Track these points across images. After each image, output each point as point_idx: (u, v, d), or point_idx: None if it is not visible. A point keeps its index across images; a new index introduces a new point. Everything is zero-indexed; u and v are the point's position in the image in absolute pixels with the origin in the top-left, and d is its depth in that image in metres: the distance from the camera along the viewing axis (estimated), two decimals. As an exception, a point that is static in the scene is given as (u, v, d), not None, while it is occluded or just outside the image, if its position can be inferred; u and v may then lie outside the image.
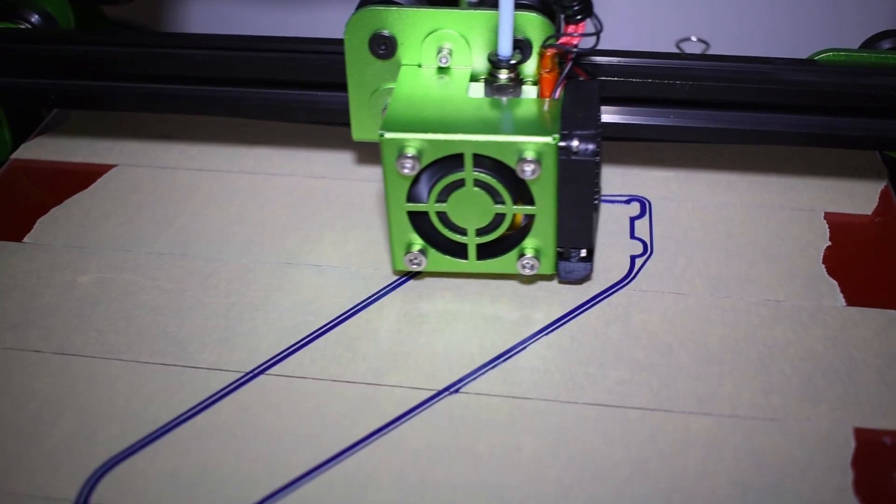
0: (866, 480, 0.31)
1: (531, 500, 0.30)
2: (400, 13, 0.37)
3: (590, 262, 0.37)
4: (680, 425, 0.33)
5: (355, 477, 0.31)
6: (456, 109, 0.35)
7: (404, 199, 0.35)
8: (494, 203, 0.35)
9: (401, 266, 0.37)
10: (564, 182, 0.34)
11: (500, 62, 0.36)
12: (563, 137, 0.34)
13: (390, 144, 0.34)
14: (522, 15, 0.36)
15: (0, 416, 0.33)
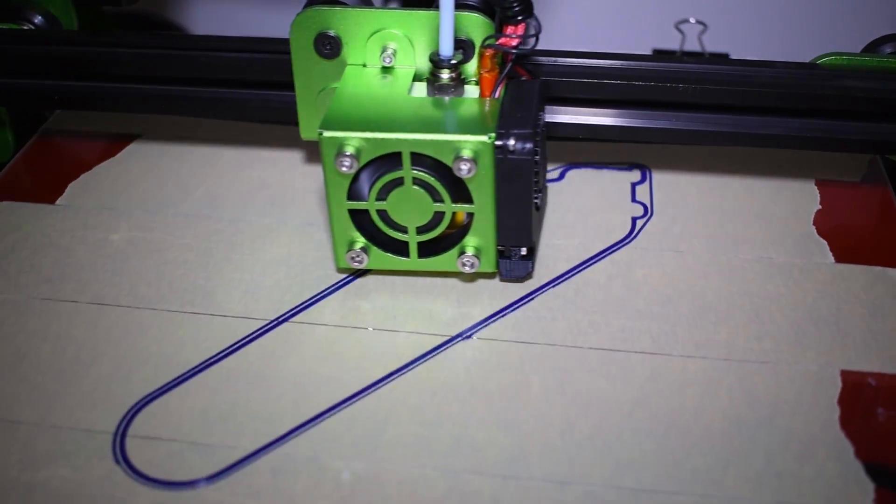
0: (852, 416, 0.33)
1: (539, 432, 0.32)
2: (344, 13, 0.37)
3: (530, 260, 0.37)
4: (678, 367, 0.35)
5: (375, 413, 0.33)
6: (396, 108, 0.36)
7: (345, 196, 0.36)
8: (434, 201, 0.35)
9: (343, 264, 0.37)
10: (502, 181, 0.35)
11: (441, 62, 0.36)
12: (500, 136, 0.34)
13: (329, 143, 0.34)
14: (463, 15, 0.36)
15: (40, 359, 0.35)
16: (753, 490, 0.31)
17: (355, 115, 0.35)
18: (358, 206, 0.36)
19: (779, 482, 0.31)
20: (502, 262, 0.37)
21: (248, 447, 0.32)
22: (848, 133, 0.40)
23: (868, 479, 0.31)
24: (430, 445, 0.32)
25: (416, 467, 0.31)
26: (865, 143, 0.40)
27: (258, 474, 0.31)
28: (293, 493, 0.30)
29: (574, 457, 0.32)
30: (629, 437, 0.32)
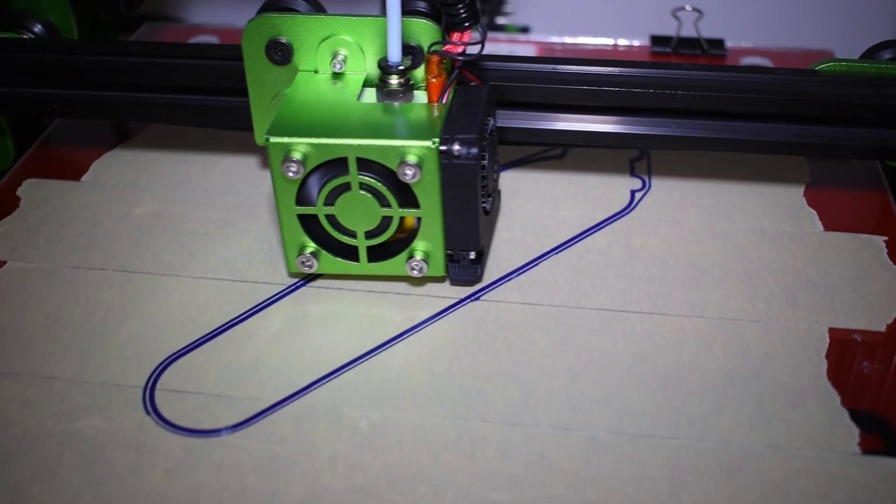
0: (838, 369, 0.35)
1: (544, 383, 0.34)
2: (295, 20, 0.38)
3: (479, 263, 0.37)
4: (675, 326, 0.37)
5: (390, 367, 0.35)
6: (343, 114, 0.36)
7: (293, 201, 0.36)
8: (381, 206, 0.36)
9: (294, 268, 0.37)
10: (448, 185, 0.35)
11: (389, 68, 0.36)
12: (444, 141, 0.34)
13: (276, 148, 0.35)
14: (411, 21, 0.37)
15: (71, 321, 0.37)
16: (746, 435, 0.33)
17: (302, 120, 0.35)
18: (306, 212, 0.36)
19: (769, 427, 0.33)
20: (451, 266, 0.37)
21: (270, 399, 0.34)
22: (847, 139, 0.40)
23: (853, 425, 0.33)
24: (441, 396, 0.34)
25: (429, 415, 0.33)
26: (864, 150, 0.40)
27: (281, 422, 0.33)
28: (314, 439, 0.32)
29: (577, 406, 0.34)
30: (629, 389, 0.34)
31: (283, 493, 0.31)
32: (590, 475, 0.31)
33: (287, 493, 0.31)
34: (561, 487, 0.31)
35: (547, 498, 0.31)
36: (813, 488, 0.31)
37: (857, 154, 0.41)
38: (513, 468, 0.31)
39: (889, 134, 0.40)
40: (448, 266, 0.37)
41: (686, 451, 0.32)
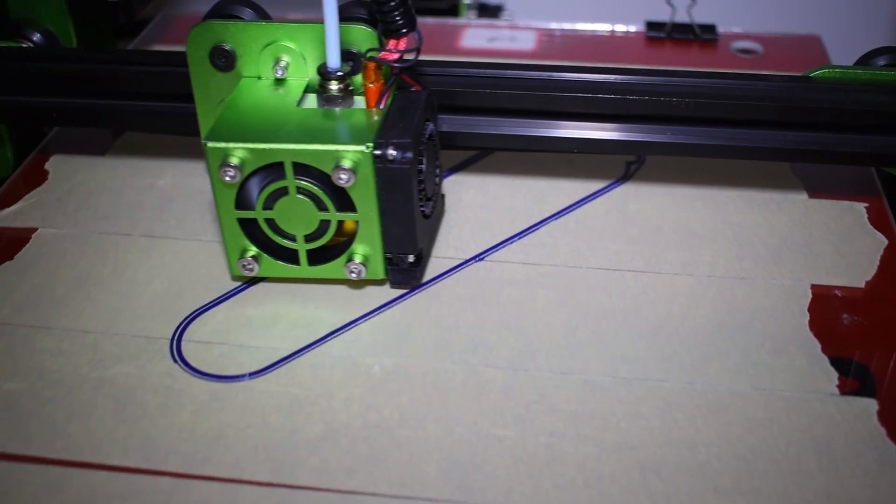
0: (819, 321, 0.38)
1: (544, 333, 0.37)
2: (237, 27, 0.38)
3: (418, 267, 0.38)
4: (667, 282, 0.39)
5: (400, 320, 0.38)
6: (282, 119, 0.36)
7: (232, 206, 0.36)
8: (319, 210, 0.36)
9: (236, 272, 0.38)
10: (384, 189, 0.35)
11: (329, 74, 0.37)
12: (378, 146, 0.35)
13: (213, 153, 0.35)
14: (350, 28, 0.37)
15: (101, 281, 0.40)
16: (732, 379, 0.35)
17: (241, 126, 0.36)
18: (245, 215, 0.36)
19: (755, 372, 0.35)
20: (391, 269, 0.38)
21: (289, 348, 0.36)
22: (842, 145, 0.40)
23: (832, 370, 0.35)
24: (448, 345, 0.36)
25: (438, 362, 0.36)
26: (859, 156, 0.40)
27: (299, 368, 0.36)
28: (331, 383, 0.35)
29: (575, 353, 0.36)
30: (623, 338, 0.37)
31: (303, 429, 0.33)
32: (587, 414, 0.34)
33: (307, 429, 0.33)
34: (560, 424, 0.33)
35: (547, 434, 0.33)
36: (794, 425, 0.33)
37: (852, 160, 0.41)
38: (515, 408, 0.34)
39: (884, 140, 0.40)
40: (388, 269, 0.38)
41: (676, 393, 0.34)
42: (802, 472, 0.32)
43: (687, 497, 0.31)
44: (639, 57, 0.56)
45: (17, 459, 0.32)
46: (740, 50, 0.57)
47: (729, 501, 0.31)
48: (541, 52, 0.56)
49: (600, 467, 0.32)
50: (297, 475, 0.32)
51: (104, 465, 0.32)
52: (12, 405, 0.34)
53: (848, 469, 0.32)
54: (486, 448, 0.33)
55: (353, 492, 0.31)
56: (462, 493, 0.31)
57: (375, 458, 0.32)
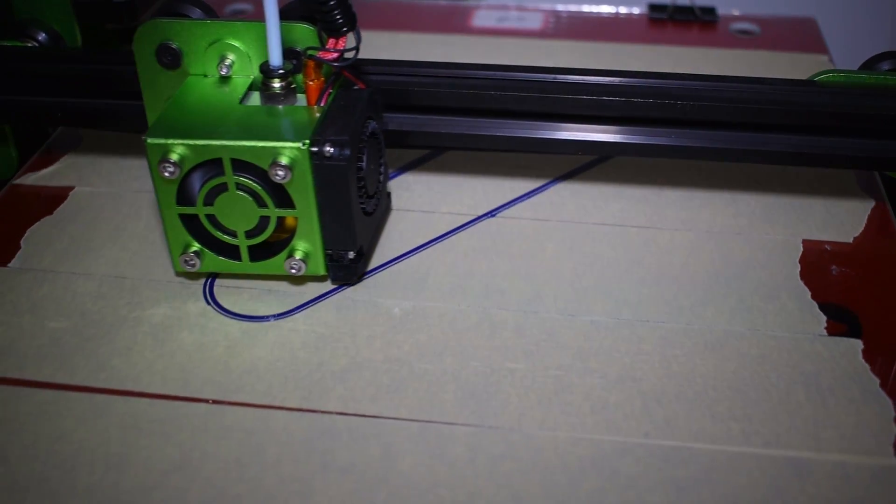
0: (809, 271, 0.40)
1: (552, 281, 0.39)
2: (183, 25, 0.38)
3: (359, 263, 0.38)
4: (667, 237, 0.42)
5: (418, 269, 0.40)
6: (223, 116, 0.36)
7: (174, 201, 0.36)
8: (258, 206, 0.36)
9: (178, 267, 0.38)
10: (321, 186, 0.35)
11: (270, 71, 0.37)
12: (315, 143, 0.35)
13: (153, 149, 0.35)
14: (292, 26, 0.37)
15: (136, 234, 0.42)
16: (728, 321, 0.38)
17: (181, 122, 0.36)
18: (187, 211, 0.37)
19: (749, 315, 0.38)
20: (331, 265, 0.38)
21: (314, 292, 0.39)
22: (845, 149, 0.40)
23: (821, 314, 0.38)
24: (463, 290, 0.39)
25: (453, 304, 0.38)
26: (863, 160, 0.41)
27: (325, 310, 0.38)
28: (354, 322, 0.38)
29: (581, 298, 0.39)
30: (627, 285, 0.39)
31: (329, 363, 0.36)
32: (592, 350, 0.36)
33: (332, 363, 0.36)
34: (567, 359, 0.36)
35: (556, 367, 0.36)
36: (785, 361, 0.36)
37: (855, 164, 0.41)
38: (526, 345, 0.36)
39: (888, 144, 0.40)
40: (328, 265, 0.38)
41: (676, 333, 0.37)
42: (792, 402, 0.34)
43: (685, 422, 0.33)
44: (641, 37, 0.58)
45: (64, 388, 0.35)
46: (739, 31, 0.59)
47: (724, 426, 0.33)
48: (547, 32, 0.59)
49: (605, 396, 0.34)
50: (325, 402, 0.34)
51: (145, 393, 0.35)
52: (57, 342, 0.37)
53: (834, 399, 0.34)
54: (499, 379, 0.35)
55: (377, 416, 0.34)
56: (477, 418, 0.34)
57: (396, 388, 0.35)
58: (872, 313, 0.38)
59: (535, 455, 0.32)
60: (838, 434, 0.33)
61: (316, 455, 0.32)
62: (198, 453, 0.33)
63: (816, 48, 0.57)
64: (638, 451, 0.32)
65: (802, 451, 0.32)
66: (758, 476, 0.32)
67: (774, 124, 0.40)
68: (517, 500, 0.31)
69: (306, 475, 0.32)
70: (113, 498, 0.31)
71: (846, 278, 0.40)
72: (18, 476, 0.32)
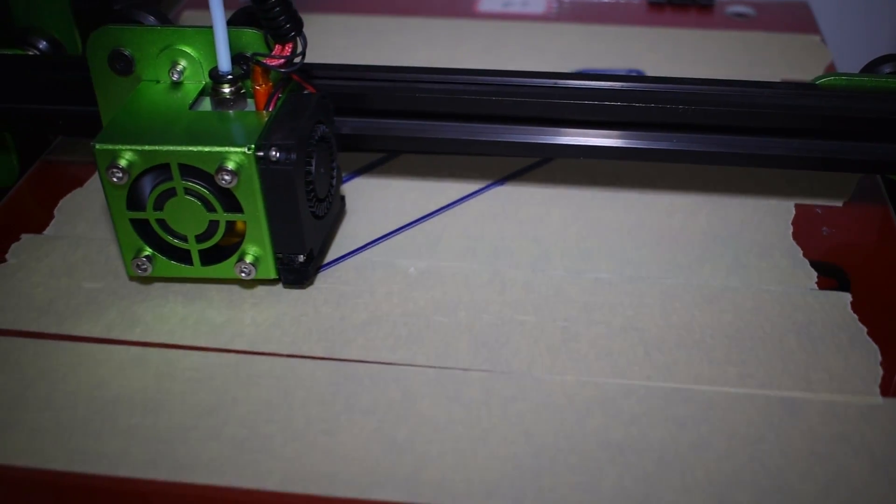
0: (802, 232, 0.42)
1: (559, 243, 0.42)
2: (134, 32, 0.38)
3: (309, 267, 0.38)
4: (666, 201, 0.44)
5: (431, 232, 0.43)
6: (172, 122, 0.37)
7: (124, 206, 0.37)
8: (207, 211, 0.36)
9: (131, 272, 0.38)
10: (268, 190, 0.36)
11: (220, 77, 0.37)
12: (261, 147, 0.35)
13: (102, 155, 0.36)
14: (240, 31, 0.38)
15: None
16: (724, 277, 0.40)
17: (130, 128, 0.36)
18: (137, 216, 0.37)
19: (744, 271, 0.40)
20: (282, 269, 0.38)
21: (334, 255, 0.41)
22: (848, 153, 0.40)
23: (812, 270, 0.40)
24: (475, 251, 0.41)
25: (466, 264, 0.41)
26: (865, 163, 0.41)
27: (344, 270, 0.41)
28: (372, 281, 0.40)
29: (586, 257, 0.41)
30: (629, 245, 0.42)
31: (350, 317, 0.38)
32: (597, 303, 0.39)
33: (353, 317, 0.38)
34: (574, 312, 0.38)
35: (563, 319, 0.38)
36: (778, 312, 0.38)
37: (858, 168, 0.41)
38: (535, 299, 0.39)
39: (890, 147, 0.40)
40: (279, 269, 0.38)
41: (675, 287, 0.39)
42: (784, 349, 0.37)
43: (685, 366, 0.36)
44: (641, 20, 0.61)
45: (102, 341, 0.37)
46: (735, 14, 0.62)
47: (721, 370, 0.36)
48: (550, 16, 0.61)
49: (609, 344, 0.37)
50: (347, 351, 0.37)
51: (177, 345, 0.37)
52: (93, 300, 0.39)
53: (824, 346, 0.37)
54: (510, 330, 0.37)
55: (395, 363, 0.36)
56: (490, 364, 0.36)
57: (414, 338, 0.37)
58: (861, 270, 0.40)
59: (545, 397, 0.35)
60: (828, 376, 0.35)
61: (340, 398, 0.35)
62: (230, 398, 0.35)
63: (809, 29, 0.59)
64: (641, 391, 0.35)
65: (794, 392, 0.35)
66: (753, 414, 0.34)
67: (776, 128, 0.41)
68: (528, 436, 0.33)
69: (332, 416, 0.34)
70: (152, 437, 0.33)
71: (836, 239, 0.42)
72: (62, 419, 0.34)
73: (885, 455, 0.32)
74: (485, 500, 0.31)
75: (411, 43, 0.58)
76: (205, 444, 0.33)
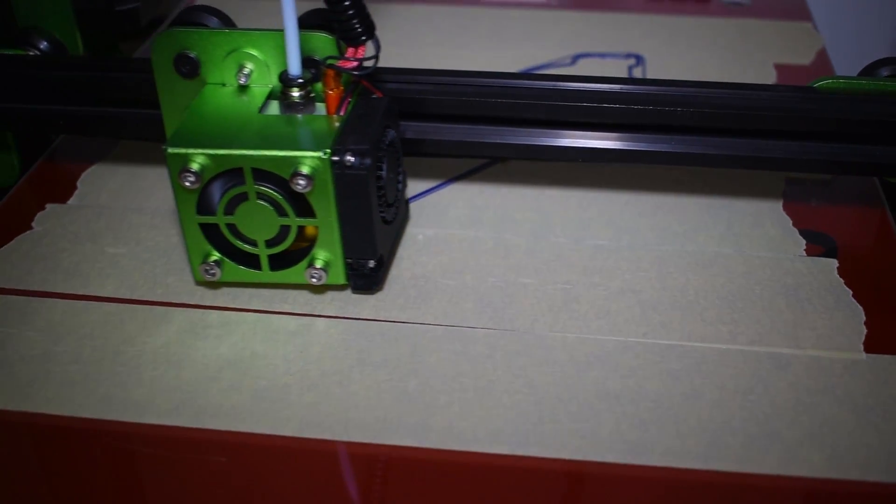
0: (792, 203, 0.45)
1: (559, 212, 0.44)
2: (201, 35, 0.38)
3: (379, 272, 0.38)
4: (663, 174, 0.46)
5: (438, 203, 0.45)
6: (243, 126, 0.36)
7: (194, 211, 0.36)
8: (279, 216, 0.36)
9: (199, 277, 0.38)
10: (342, 195, 0.35)
11: (290, 80, 0.37)
12: (336, 152, 0.35)
13: (174, 159, 0.35)
14: (311, 35, 0.38)
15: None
16: (717, 244, 0.42)
17: (201, 132, 0.36)
18: (207, 221, 0.37)
19: (736, 239, 0.42)
20: (352, 274, 0.38)
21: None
22: (845, 155, 0.40)
23: (801, 239, 0.42)
24: (480, 221, 0.43)
25: (471, 232, 0.43)
26: (864, 166, 0.41)
27: (356, 237, 0.43)
28: (383, 246, 0.42)
29: (586, 226, 0.43)
30: (626, 215, 0.44)
31: (361, 280, 0.40)
32: (596, 268, 0.41)
33: (365, 279, 0.40)
34: (574, 275, 0.40)
35: (564, 282, 0.40)
36: (768, 276, 0.40)
37: (856, 170, 0.41)
38: (537, 264, 0.41)
39: (888, 150, 0.40)
40: (349, 274, 0.38)
41: (671, 254, 0.41)
42: (773, 309, 0.39)
43: (679, 325, 0.38)
44: (640, 7, 0.63)
45: (126, 301, 0.39)
46: (730, 2, 0.64)
47: (713, 328, 0.38)
48: (552, 4, 0.63)
49: (608, 305, 0.39)
50: (359, 311, 0.39)
51: (199, 305, 0.39)
52: (116, 264, 0.41)
53: (811, 307, 0.39)
54: (513, 292, 0.39)
55: (405, 322, 0.38)
56: (494, 323, 0.38)
57: (422, 298, 0.39)
58: (848, 238, 0.42)
59: (547, 352, 0.37)
60: (815, 334, 0.37)
61: (353, 353, 0.37)
62: (248, 352, 0.37)
63: (801, 17, 0.62)
64: (637, 347, 0.37)
65: (782, 348, 0.37)
66: (743, 367, 0.36)
67: (775, 131, 0.41)
68: (531, 387, 0.35)
69: (345, 368, 0.36)
70: (175, 388, 0.35)
71: (824, 210, 0.44)
72: (91, 370, 0.36)
73: (867, 405, 0.34)
74: (490, 444, 0.33)
75: (415, 30, 0.60)
76: (225, 394, 0.35)
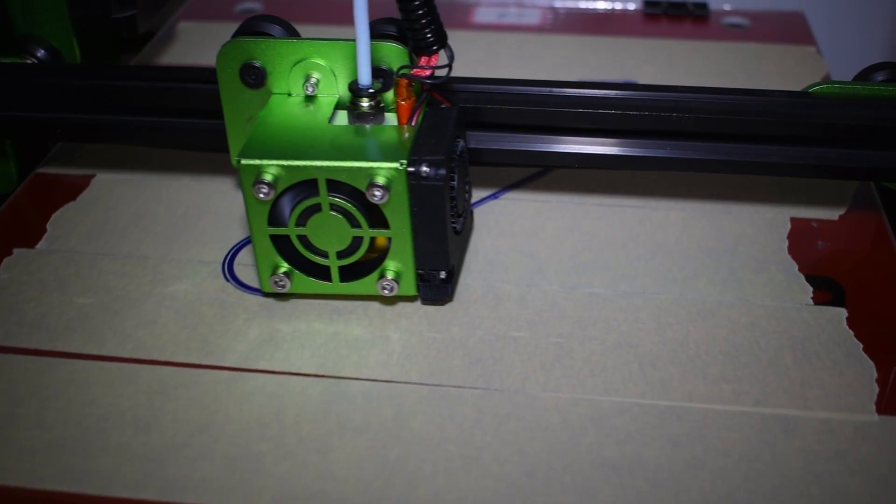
0: (797, 246, 0.42)
1: (553, 257, 0.42)
2: (268, 44, 0.38)
3: (450, 283, 0.38)
4: (662, 216, 0.44)
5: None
6: (314, 136, 0.36)
7: (265, 222, 0.36)
8: (352, 227, 0.36)
9: (268, 288, 0.38)
10: (416, 206, 0.35)
11: (359, 91, 0.37)
12: (412, 163, 0.35)
13: (247, 170, 0.35)
14: (381, 45, 0.37)
15: (157, 216, 0.45)
16: (720, 291, 0.40)
17: (273, 143, 0.36)
18: (279, 232, 0.37)
19: (739, 286, 0.40)
20: (422, 285, 0.38)
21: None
22: (841, 161, 0.40)
23: (808, 285, 0.40)
24: (469, 266, 0.41)
25: (460, 279, 0.40)
26: (859, 171, 0.41)
27: (338, 285, 0.40)
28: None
29: (580, 272, 0.41)
30: (623, 260, 0.42)
31: (343, 333, 0.38)
32: (591, 319, 0.38)
33: (346, 332, 0.38)
34: (568, 327, 0.38)
35: (557, 335, 0.38)
36: (773, 328, 0.38)
37: (851, 175, 0.41)
38: (529, 315, 0.39)
39: (883, 155, 0.40)
40: (419, 286, 0.38)
41: (670, 303, 0.39)
42: (779, 365, 0.36)
43: (679, 383, 0.36)
44: (637, 31, 0.61)
45: (93, 358, 0.37)
46: (730, 25, 0.62)
47: (716, 387, 0.35)
48: (546, 28, 0.61)
49: (604, 361, 0.37)
50: (340, 369, 0.36)
51: (169, 362, 0.37)
52: (84, 316, 0.39)
53: (819, 362, 0.36)
54: (503, 346, 0.37)
55: (389, 381, 0.36)
56: (483, 382, 0.36)
57: (407, 355, 0.37)
58: (856, 284, 0.40)
59: (539, 414, 0.34)
60: (824, 393, 0.35)
61: (332, 416, 0.35)
62: (221, 416, 0.35)
63: (804, 40, 0.59)
64: (635, 409, 0.35)
65: (790, 409, 0.35)
66: (748, 431, 0.34)
67: (770, 136, 0.40)
68: (522, 455, 0.33)
69: (324, 434, 0.34)
70: (143, 455, 0.33)
71: (831, 253, 0.42)
72: (54, 437, 0.34)
73: (882, 474, 0.32)
74: (478, 519, 0.31)
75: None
76: (195, 463, 0.33)
